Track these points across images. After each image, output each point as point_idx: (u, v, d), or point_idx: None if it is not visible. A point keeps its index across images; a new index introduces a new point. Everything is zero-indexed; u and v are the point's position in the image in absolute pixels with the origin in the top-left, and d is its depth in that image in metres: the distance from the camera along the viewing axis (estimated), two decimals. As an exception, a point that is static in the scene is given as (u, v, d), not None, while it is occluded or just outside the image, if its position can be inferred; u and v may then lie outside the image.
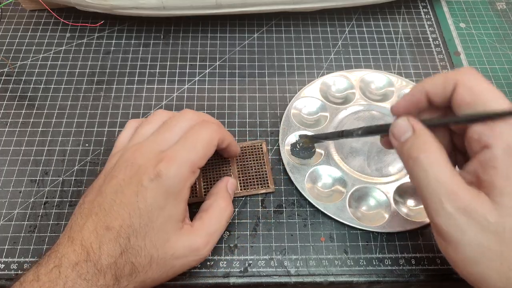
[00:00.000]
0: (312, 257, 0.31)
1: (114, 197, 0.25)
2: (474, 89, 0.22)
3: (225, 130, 0.30)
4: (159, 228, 0.25)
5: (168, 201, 0.25)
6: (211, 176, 0.34)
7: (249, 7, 0.39)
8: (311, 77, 0.40)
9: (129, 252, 0.24)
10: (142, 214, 0.25)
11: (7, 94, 0.39)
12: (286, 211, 0.33)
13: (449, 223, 0.21)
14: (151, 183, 0.25)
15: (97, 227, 0.24)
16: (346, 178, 0.34)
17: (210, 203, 0.29)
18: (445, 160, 0.22)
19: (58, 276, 0.23)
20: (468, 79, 0.22)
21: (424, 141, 0.23)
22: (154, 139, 0.27)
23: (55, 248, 0.24)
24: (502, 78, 0.40)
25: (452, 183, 0.21)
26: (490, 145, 0.21)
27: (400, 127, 0.24)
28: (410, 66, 0.41)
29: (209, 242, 0.27)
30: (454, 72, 0.23)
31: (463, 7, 0.46)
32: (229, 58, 0.41)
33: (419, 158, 0.22)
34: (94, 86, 0.39)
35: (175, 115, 0.29)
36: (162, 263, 0.25)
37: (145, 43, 0.42)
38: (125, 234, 0.24)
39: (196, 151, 0.27)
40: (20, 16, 0.44)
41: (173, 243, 0.26)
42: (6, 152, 0.35)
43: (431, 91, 0.24)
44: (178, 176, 0.25)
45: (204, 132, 0.27)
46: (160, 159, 0.25)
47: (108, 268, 0.23)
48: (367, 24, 0.44)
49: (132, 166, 0.26)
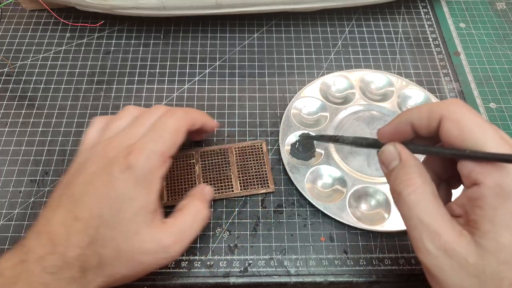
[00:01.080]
0: (312, 257, 0.31)
1: (84, 189, 0.25)
2: (461, 123, 0.21)
3: (194, 113, 0.30)
4: (129, 219, 0.25)
5: (139, 192, 0.25)
6: (211, 176, 0.34)
7: (249, 7, 0.39)
8: (311, 77, 0.40)
9: (97, 243, 0.24)
10: (113, 204, 0.24)
11: (7, 94, 0.39)
12: (286, 211, 0.33)
13: (431, 262, 0.21)
14: (121, 174, 0.25)
15: (66, 218, 0.24)
16: (346, 178, 0.34)
17: (186, 203, 0.29)
18: (430, 195, 0.21)
19: (22, 270, 0.22)
20: (454, 112, 0.21)
21: (409, 173, 0.22)
22: (125, 133, 0.28)
23: (22, 243, 0.24)
24: (502, 78, 0.40)
25: (435, 221, 0.21)
26: (480, 183, 0.20)
27: (387, 154, 0.24)
28: (410, 66, 0.41)
29: (180, 241, 0.26)
30: (439, 104, 0.22)
31: (463, 7, 0.46)
32: (229, 58, 0.41)
33: (402, 193, 0.22)
34: (94, 86, 0.39)
35: (146, 110, 0.29)
36: (130, 256, 0.25)
37: (145, 43, 0.42)
38: (94, 225, 0.24)
39: (164, 140, 0.27)
40: (20, 16, 0.44)
41: (143, 236, 0.25)
42: (6, 152, 0.35)
43: (416, 123, 0.23)
44: (148, 166, 0.26)
45: (170, 121, 0.28)
46: (130, 151, 0.26)
47: (75, 259, 0.23)
48: (367, 24, 0.44)
49: (103, 159, 0.26)
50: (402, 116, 0.24)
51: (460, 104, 0.22)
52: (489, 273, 0.19)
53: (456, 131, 0.21)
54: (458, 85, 0.40)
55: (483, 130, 0.20)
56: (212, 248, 0.31)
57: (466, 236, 0.20)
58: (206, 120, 0.31)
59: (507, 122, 0.38)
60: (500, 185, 0.20)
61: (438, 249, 0.20)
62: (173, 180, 0.33)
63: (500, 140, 0.20)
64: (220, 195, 0.33)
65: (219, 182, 0.33)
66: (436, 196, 0.22)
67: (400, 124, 0.24)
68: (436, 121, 0.22)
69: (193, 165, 0.34)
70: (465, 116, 0.21)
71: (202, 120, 0.31)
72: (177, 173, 0.34)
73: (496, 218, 0.20)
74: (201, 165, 0.34)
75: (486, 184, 0.20)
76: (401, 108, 0.38)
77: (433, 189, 0.22)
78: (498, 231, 0.19)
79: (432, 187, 0.22)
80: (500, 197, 0.20)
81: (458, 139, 0.21)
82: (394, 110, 0.37)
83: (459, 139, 0.21)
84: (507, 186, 0.19)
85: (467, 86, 0.40)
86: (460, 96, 0.39)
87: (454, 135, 0.21)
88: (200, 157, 0.34)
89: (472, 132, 0.21)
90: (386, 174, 0.24)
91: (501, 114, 0.38)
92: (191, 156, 0.34)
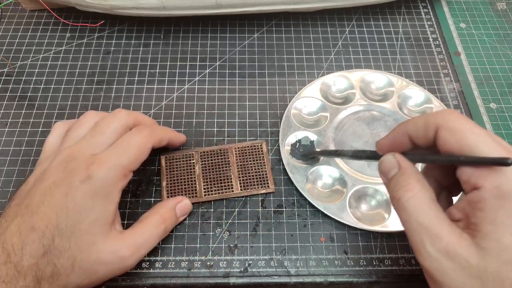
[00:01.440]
0: (312, 257, 0.31)
1: (42, 199, 0.25)
2: (457, 131, 0.21)
3: (161, 131, 0.31)
4: (85, 229, 0.25)
5: (97, 203, 0.25)
6: (211, 177, 0.34)
7: (249, 7, 0.39)
8: (311, 77, 0.40)
9: (52, 253, 0.24)
10: (70, 214, 0.25)
11: (7, 94, 0.39)
12: (286, 211, 0.33)
13: (432, 265, 0.21)
14: (81, 184, 0.25)
15: (21, 228, 0.24)
16: (346, 178, 0.34)
17: (148, 215, 0.30)
18: (429, 200, 0.22)
19: None
20: (450, 121, 0.22)
21: (408, 179, 0.22)
22: (87, 142, 0.28)
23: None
24: (502, 78, 0.40)
25: (435, 224, 0.21)
26: (479, 187, 0.20)
27: (386, 164, 0.24)
28: (410, 66, 0.41)
29: (136, 253, 0.27)
30: (435, 115, 0.23)
31: (463, 7, 0.46)
32: (229, 58, 0.41)
33: (401, 199, 0.22)
34: (94, 86, 0.39)
35: (107, 116, 0.29)
36: (86, 267, 0.25)
37: (145, 43, 0.42)
38: (50, 235, 0.24)
39: (127, 155, 0.27)
40: (20, 16, 0.44)
41: (99, 246, 0.25)
42: (6, 152, 0.35)
43: (413, 134, 0.23)
44: (108, 178, 0.26)
45: (136, 138, 0.28)
46: (91, 162, 0.26)
47: (29, 269, 0.23)
48: (367, 24, 0.44)
49: (64, 170, 0.26)
50: (399, 128, 0.24)
51: (455, 113, 0.22)
52: (491, 274, 0.19)
53: (453, 139, 0.21)
54: (459, 85, 0.40)
55: (479, 136, 0.21)
56: (212, 249, 0.31)
57: (467, 238, 0.20)
58: (174, 136, 0.33)
59: (507, 122, 0.37)
60: (499, 187, 0.20)
61: (439, 252, 0.20)
62: (173, 180, 0.33)
63: (495, 144, 0.21)
64: (220, 195, 0.33)
65: (219, 182, 0.33)
66: (434, 201, 0.22)
67: (398, 136, 0.24)
68: (433, 131, 0.22)
69: (193, 166, 0.34)
70: (460, 124, 0.22)
71: (169, 137, 0.32)
72: (177, 173, 0.34)
73: (497, 219, 0.20)
74: (201, 165, 0.34)
75: (486, 187, 0.20)
76: (401, 108, 0.38)
77: (431, 194, 0.22)
78: (499, 232, 0.20)
79: (430, 193, 0.22)
80: (500, 198, 0.20)
81: (455, 147, 0.21)
82: (394, 110, 0.37)
83: (456, 147, 0.21)
84: (506, 188, 0.20)
85: (467, 86, 0.40)
86: (460, 96, 0.39)
87: (451, 143, 0.21)
88: (200, 157, 0.34)
89: (468, 139, 0.21)
90: (386, 183, 0.24)
91: (502, 114, 0.38)
92: (191, 156, 0.34)
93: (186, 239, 0.31)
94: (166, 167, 0.34)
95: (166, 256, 0.31)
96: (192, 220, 0.32)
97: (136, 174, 0.31)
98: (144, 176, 0.34)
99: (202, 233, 0.32)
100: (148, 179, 0.34)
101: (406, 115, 0.37)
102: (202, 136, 0.36)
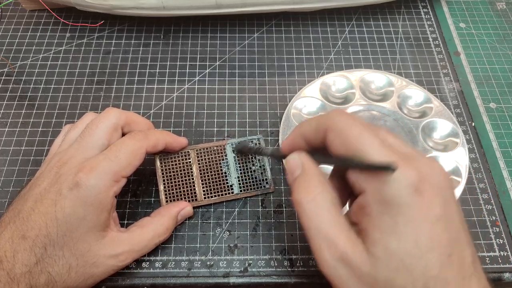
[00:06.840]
0: (312, 257, 0.31)
1: (33, 206, 0.25)
2: (343, 134, 0.21)
3: (157, 135, 0.30)
4: (79, 238, 0.25)
5: (88, 211, 0.25)
6: (210, 177, 0.33)
7: (249, 7, 0.39)
8: (311, 77, 0.40)
9: (46, 262, 0.24)
10: (60, 224, 0.24)
11: (7, 94, 0.39)
12: (286, 211, 0.33)
13: (330, 272, 0.21)
14: (70, 192, 0.25)
15: (13, 235, 0.24)
16: (346, 178, 0.33)
17: (150, 221, 0.29)
18: (329, 203, 0.22)
19: None
20: (337, 122, 0.22)
21: (309, 180, 0.22)
22: (77, 146, 0.27)
23: None
24: (502, 78, 0.40)
25: (332, 230, 0.21)
26: (364, 191, 0.21)
27: (291, 163, 0.24)
28: (410, 66, 0.41)
29: (131, 257, 0.27)
30: (325, 116, 0.23)
31: (463, 7, 0.46)
32: (229, 58, 0.41)
33: (302, 202, 0.22)
34: (94, 86, 0.39)
35: (97, 116, 0.29)
36: (82, 271, 0.25)
37: (145, 43, 0.42)
38: (41, 244, 0.24)
39: (119, 160, 0.26)
40: (20, 16, 0.44)
41: (95, 251, 0.25)
42: (6, 152, 0.35)
43: (307, 136, 0.24)
44: (98, 186, 0.25)
45: (128, 142, 0.27)
46: (81, 168, 0.25)
47: (22, 277, 0.23)
48: (367, 24, 0.44)
49: (55, 175, 0.26)
50: (296, 129, 0.24)
51: (343, 114, 0.22)
52: (381, 282, 0.19)
53: (339, 141, 0.21)
54: (458, 85, 0.40)
55: (366, 140, 0.21)
56: (212, 248, 0.31)
57: (360, 245, 0.20)
58: (173, 140, 0.31)
59: (507, 122, 0.37)
60: (381, 192, 0.20)
61: (335, 259, 0.20)
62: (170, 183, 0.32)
63: (383, 149, 0.20)
64: (219, 198, 0.33)
65: (218, 184, 0.33)
66: (335, 204, 0.22)
67: (296, 137, 0.24)
68: (322, 132, 0.22)
69: (190, 166, 0.33)
70: (347, 126, 0.21)
71: (167, 141, 0.30)
72: (174, 175, 0.33)
73: (381, 225, 0.20)
74: (199, 165, 0.33)
75: (369, 192, 0.20)
76: (401, 108, 0.38)
77: (332, 197, 0.22)
78: (385, 238, 0.20)
79: (332, 195, 0.22)
80: (383, 204, 0.20)
81: (342, 150, 0.21)
82: (394, 110, 0.37)
83: (343, 149, 0.21)
84: (389, 193, 0.20)
85: (467, 86, 0.40)
86: (460, 96, 0.39)
87: (337, 145, 0.22)
88: (196, 155, 0.33)
89: (354, 143, 0.21)
90: (291, 184, 0.24)
91: (501, 114, 0.38)
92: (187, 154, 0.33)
93: (186, 239, 0.31)
94: (161, 168, 0.32)
95: (166, 256, 0.31)
96: (192, 220, 0.32)
97: (136, 174, 0.31)
98: (144, 176, 0.34)
99: (202, 233, 0.32)
100: (148, 179, 0.34)
101: (406, 115, 0.37)
102: (202, 136, 0.36)
